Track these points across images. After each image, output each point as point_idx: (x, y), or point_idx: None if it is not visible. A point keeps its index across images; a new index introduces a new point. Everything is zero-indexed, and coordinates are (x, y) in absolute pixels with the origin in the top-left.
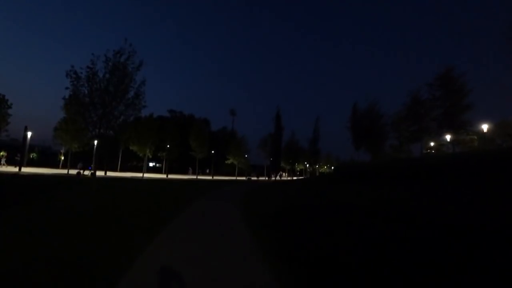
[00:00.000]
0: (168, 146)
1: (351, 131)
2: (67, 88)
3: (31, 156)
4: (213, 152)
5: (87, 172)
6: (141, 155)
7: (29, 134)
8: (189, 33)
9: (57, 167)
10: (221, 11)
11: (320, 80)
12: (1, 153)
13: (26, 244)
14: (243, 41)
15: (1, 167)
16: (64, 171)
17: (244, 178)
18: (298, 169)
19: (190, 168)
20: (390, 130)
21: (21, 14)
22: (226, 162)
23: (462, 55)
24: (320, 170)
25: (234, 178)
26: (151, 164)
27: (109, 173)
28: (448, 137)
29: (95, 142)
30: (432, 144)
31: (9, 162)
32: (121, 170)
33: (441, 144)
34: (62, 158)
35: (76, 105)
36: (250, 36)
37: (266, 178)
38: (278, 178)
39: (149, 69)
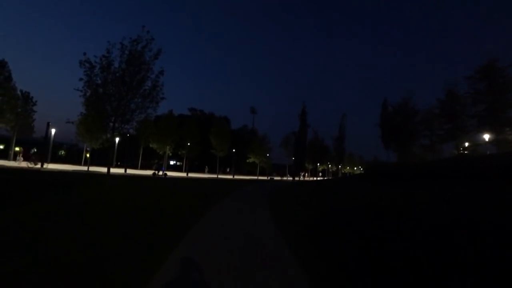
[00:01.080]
0: (188, 144)
1: (380, 129)
2: (81, 79)
3: (60, 153)
4: (234, 150)
5: (160, 173)
6: (160, 153)
7: (53, 131)
8: (209, 30)
9: (79, 164)
10: (242, 7)
11: (346, 76)
12: (19, 149)
13: None
14: (265, 38)
15: (19, 163)
16: (84, 168)
17: (265, 177)
18: (319, 169)
19: (206, 166)
20: (421, 129)
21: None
22: (247, 161)
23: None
24: (343, 171)
25: (255, 177)
26: (172, 162)
27: (129, 171)
28: (487, 137)
29: (116, 139)
30: (466, 144)
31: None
32: (142, 168)
33: (477, 144)
34: (88, 155)
35: (90, 97)
36: (272, 32)
37: (290, 178)
38: (301, 178)
39: (170, 67)
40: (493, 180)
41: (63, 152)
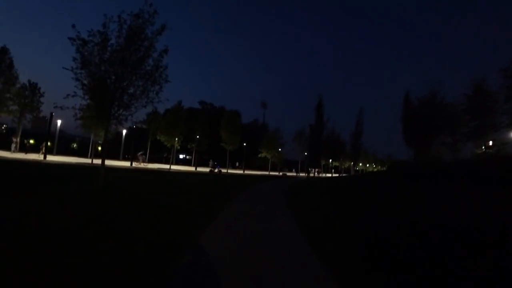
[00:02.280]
0: (197, 136)
1: (402, 124)
2: (75, 59)
3: (72, 146)
4: (244, 144)
5: (216, 170)
6: (168, 145)
7: (58, 122)
8: (221, 23)
9: (87, 156)
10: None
11: (362, 70)
12: (15, 140)
13: None
14: (278, 31)
15: (12, 153)
16: (88, 161)
17: (277, 173)
18: (331, 165)
19: (211, 160)
20: (446, 125)
21: None
22: (259, 155)
23: None
24: (356, 168)
25: (266, 173)
26: (181, 156)
27: (139, 165)
28: None
29: (124, 131)
30: (490, 143)
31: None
32: (150, 161)
33: (504, 143)
34: (100, 148)
35: (84, 78)
36: (285, 25)
37: (305, 174)
38: (315, 174)
39: (180, 60)
40: None
41: (75, 145)
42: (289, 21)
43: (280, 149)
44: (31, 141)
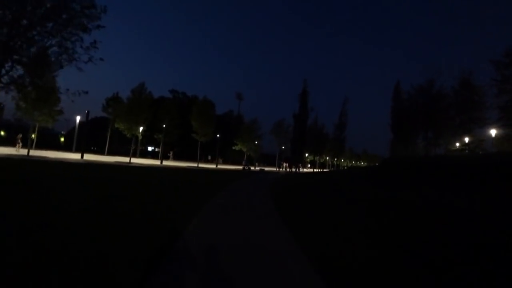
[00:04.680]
0: (164, 125)
1: (392, 115)
2: None
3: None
4: (218, 136)
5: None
6: (128, 135)
7: None
8: (198, 9)
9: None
10: None
11: (349, 57)
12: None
13: None
14: (256, 16)
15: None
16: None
17: (253, 168)
18: (307, 160)
19: (171, 152)
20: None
21: None
22: (233, 148)
23: None
24: (337, 163)
25: (242, 167)
26: (150, 149)
27: (92, 157)
28: (493, 132)
29: (77, 118)
30: (466, 140)
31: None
32: (109, 154)
33: (481, 140)
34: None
35: None
36: (263, 9)
37: (287, 170)
38: (297, 170)
39: (150, 47)
40: None
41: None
42: (270, 3)
43: (256, 142)
44: None
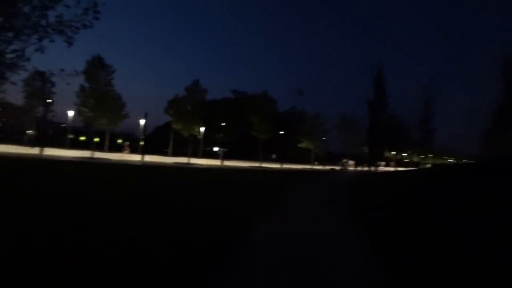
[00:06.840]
0: (222, 124)
1: (500, 102)
2: None
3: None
4: (280, 132)
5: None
6: (186, 135)
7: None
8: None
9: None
10: None
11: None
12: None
13: None
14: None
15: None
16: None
17: (320, 167)
18: (392, 157)
19: (219, 148)
20: None
21: None
22: (298, 145)
23: None
24: (413, 161)
25: (308, 167)
26: (216, 149)
27: (154, 158)
28: None
29: (141, 121)
30: None
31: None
32: (175, 155)
33: None
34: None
35: None
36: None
37: (370, 168)
38: (375, 169)
39: (208, 49)
40: None
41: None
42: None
43: (323, 138)
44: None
